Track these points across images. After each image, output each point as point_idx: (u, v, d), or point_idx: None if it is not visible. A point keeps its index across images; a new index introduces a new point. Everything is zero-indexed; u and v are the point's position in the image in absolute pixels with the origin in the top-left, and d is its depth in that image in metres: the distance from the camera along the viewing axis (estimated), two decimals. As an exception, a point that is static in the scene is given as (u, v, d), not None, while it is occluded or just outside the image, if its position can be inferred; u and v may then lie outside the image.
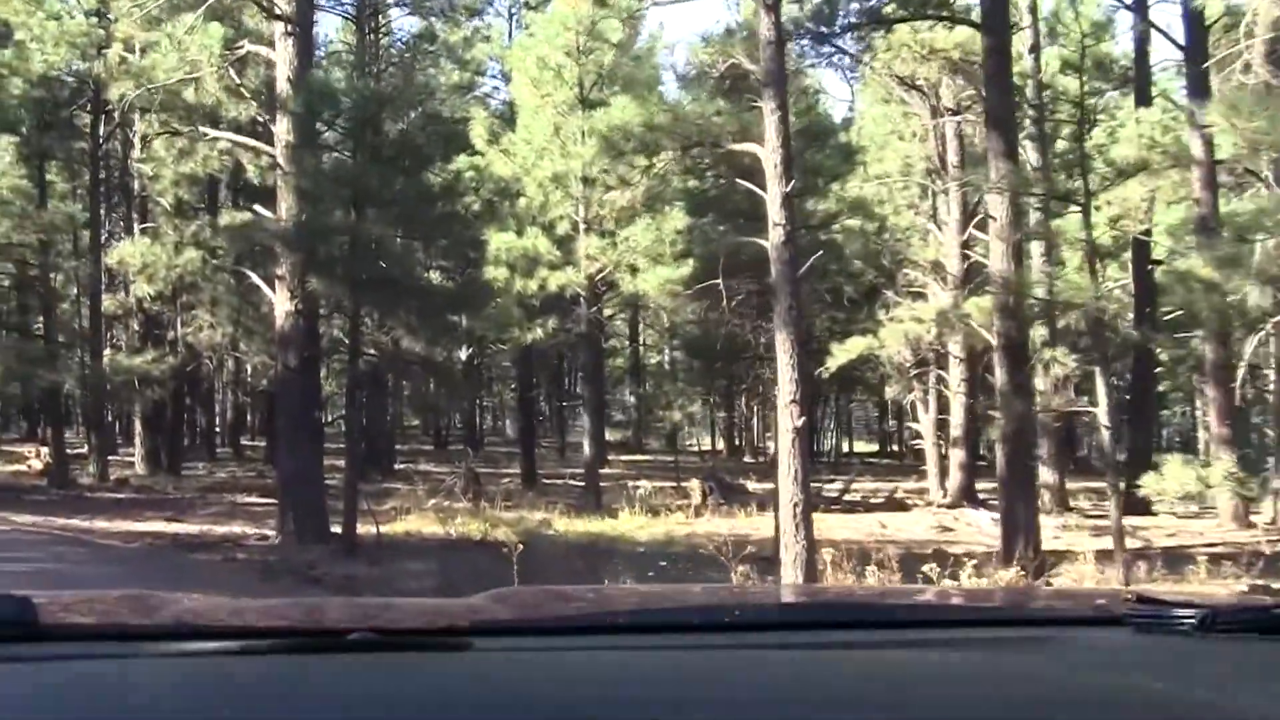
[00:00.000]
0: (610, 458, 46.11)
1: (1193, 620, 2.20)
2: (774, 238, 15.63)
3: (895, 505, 31.32)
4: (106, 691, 1.73)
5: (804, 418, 15.31)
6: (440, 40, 39.44)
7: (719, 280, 23.50)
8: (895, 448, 62.67)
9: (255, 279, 23.43)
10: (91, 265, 32.81)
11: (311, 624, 2.35)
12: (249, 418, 57.02)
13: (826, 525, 25.93)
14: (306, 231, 20.90)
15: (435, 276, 28.18)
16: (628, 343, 58.19)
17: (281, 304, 21.55)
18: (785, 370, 15.43)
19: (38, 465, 35.63)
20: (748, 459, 53.86)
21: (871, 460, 55.30)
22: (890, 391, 42.77)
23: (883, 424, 67.09)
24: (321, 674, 1.84)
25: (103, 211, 36.87)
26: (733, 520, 27.43)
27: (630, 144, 21.98)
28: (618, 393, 65.12)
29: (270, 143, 22.76)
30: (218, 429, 50.89)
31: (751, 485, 33.64)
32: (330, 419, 29.21)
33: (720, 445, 60.74)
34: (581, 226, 29.71)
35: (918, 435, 39.21)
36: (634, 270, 29.45)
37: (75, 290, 37.68)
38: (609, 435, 58.76)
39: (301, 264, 21.16)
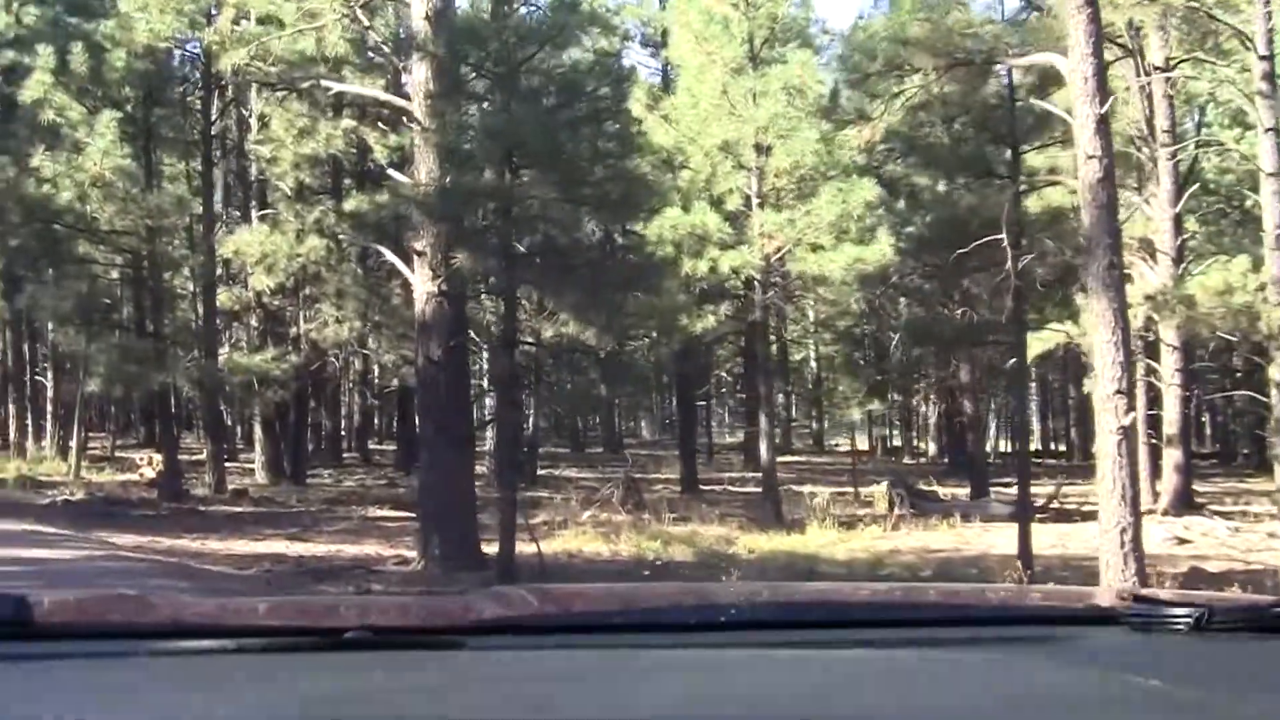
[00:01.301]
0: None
1: (1189, 619, 2.19)
2: (1087, 174, 11.83)
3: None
4: (102, 691, 1.75)
5: (1132, 414, 11.45)
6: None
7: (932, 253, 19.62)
8: (1055, 446, 58.94)
9: (391, 257, 20.11)
10: (205, 255, 29.64)
11: (307, 623, 2.31)
12: (376, 421, 53.73)
13: (1059, 537, 22.52)
14: (451, 196, 17.45)
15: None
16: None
17: (422, 285, 18.12)
18: (1106, 351, 11.60)
19: (150, 474, 32.55)
20: (907, 459, 50.31)
21: (1035, 461, 51.15)
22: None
23: (1046, 420, 62.87)
24: (317, 673, 1.84)
25: (216, 197, 33.75)
26: (935, 533, 24.22)
27: (876, 63, 18.01)
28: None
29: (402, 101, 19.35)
30: (343, 433, 47.52)
31: (942, 491, 30.10)
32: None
33: (868, 445, 56.94)
34: (755, 200, 26.13)
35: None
36: (816, 248, 25.75)
37: (188, 283, 34.50)
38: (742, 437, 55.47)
39: (446, 236, 17.73)
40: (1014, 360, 24.39)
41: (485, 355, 28.51)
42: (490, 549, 17.90)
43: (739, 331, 33.24)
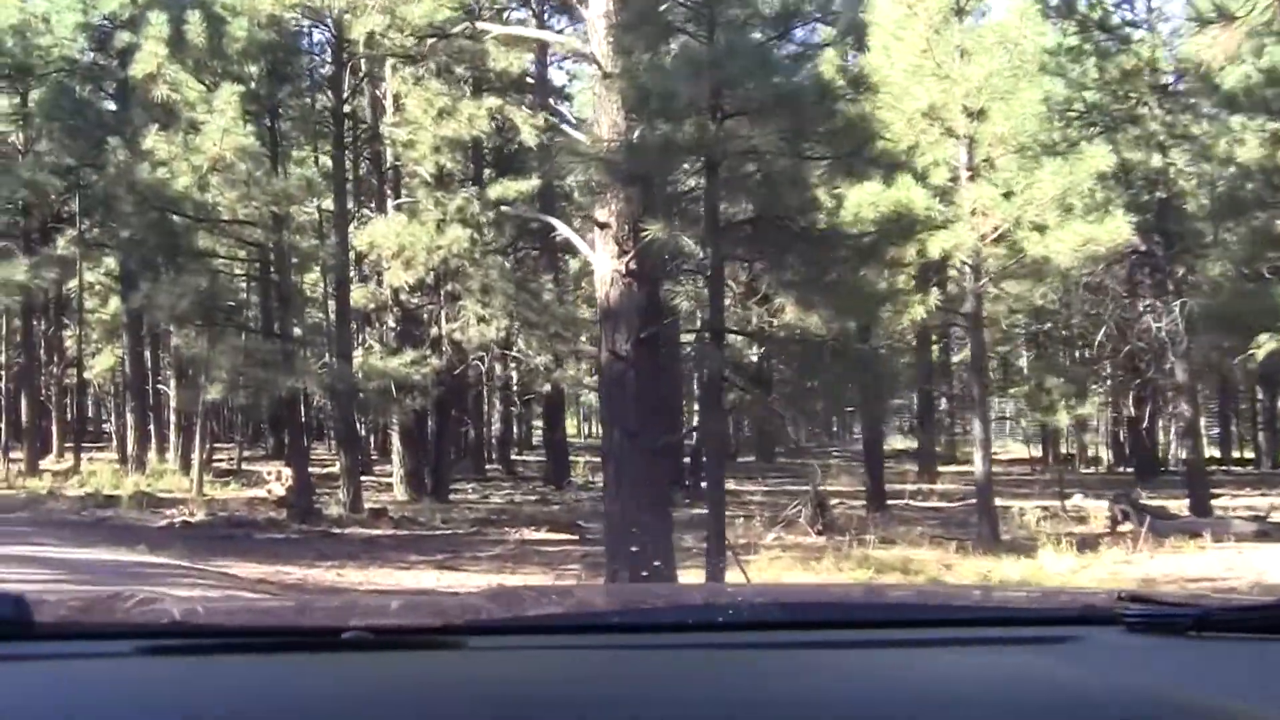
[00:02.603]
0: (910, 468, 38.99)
1: (1187, 620, 2.16)
2: None
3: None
4: (100, 691, 1.74)
5: None
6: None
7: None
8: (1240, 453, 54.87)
9: (566, 232, 16.72)
10: (337, 247, 26.65)
11: (305, 623, 2.35)
12: (515, 428, 50.41)
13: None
14: (642, 152, 14.14)
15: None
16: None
17: (606, 264, 14.77)
18: None
19: (279, 491, 29.56)
20: (1083, 469, 46.49)
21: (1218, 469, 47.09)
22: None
23: (1230, 425, 58.59)
24: (315, 673, 1.85)
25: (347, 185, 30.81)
26: (1183, 556, 20.62)
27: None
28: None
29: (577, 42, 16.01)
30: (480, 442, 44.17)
31: (1173, 507, 26.43)
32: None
33: (1033, 453, 53.19)
34: (964, 173, 22.60)
35: None
36: (1039, 228, 22.12)
37: (318, 281, 31.57)
38: (900, 443, 51.90)
39: (636, 202, 14.36)
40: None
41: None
42: (687, 578, 14.64)
43: (939, 325, 29.72)
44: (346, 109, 29.36)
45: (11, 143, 36.24)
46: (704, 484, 16.79)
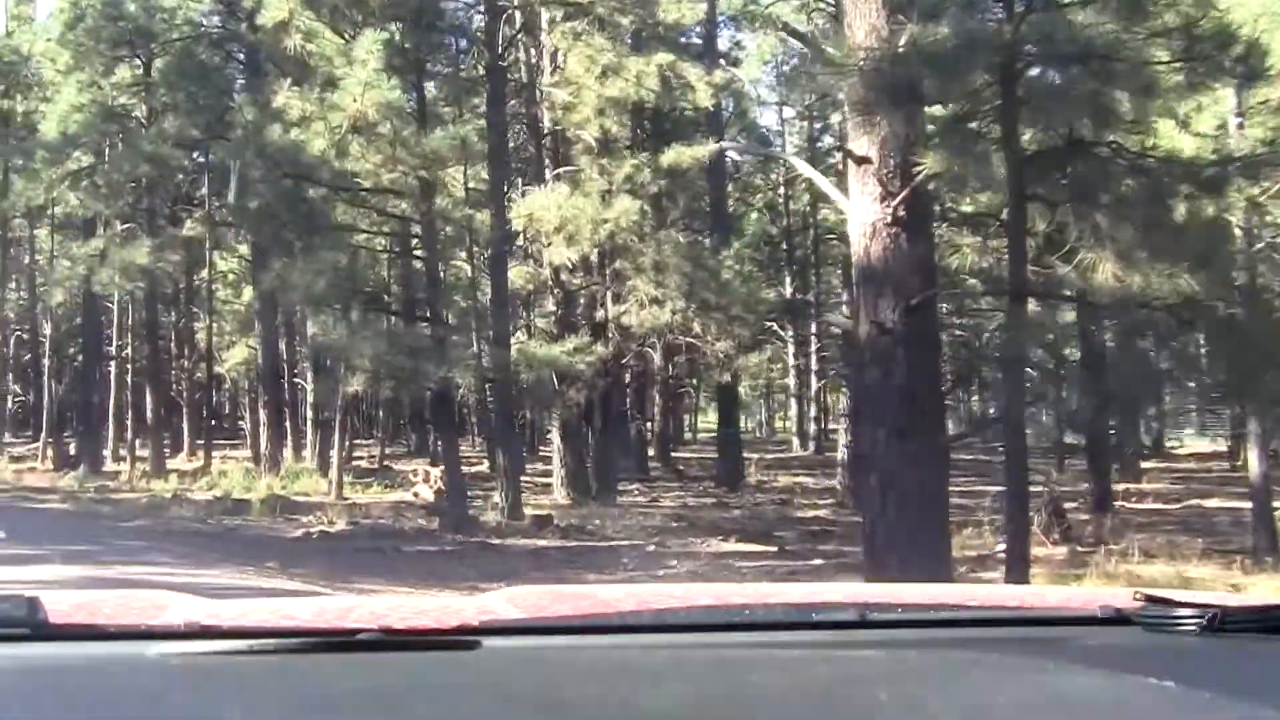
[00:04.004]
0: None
1: (1201, 620, 2.16)
2: None
3: None
4: (115, 692, 1.75)
5: None
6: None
7: None
8: None
9: (808, 172, 13.29)
10: (494, 219, 23.39)
11: (320, 624, 2.27)
12: (669, 422, 46.96)
13: None
14: (912, 61, 10.70)
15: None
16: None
17: (864, 209, 11.46)
18: None
19: (427, 494, 26.55)
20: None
21: None
22: None
23: None
24: (330, 674, 1.85)
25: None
26: None
27: None
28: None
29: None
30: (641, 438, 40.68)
31: None
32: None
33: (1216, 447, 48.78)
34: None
35: None
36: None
37: (462, 260, 28.44)
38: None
39: (905, 127, 10.97)
40: None
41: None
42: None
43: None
44: (505, 62, 26.23)
45: (135, 116, 33.58)
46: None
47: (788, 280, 42.28)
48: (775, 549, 20.01)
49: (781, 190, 46.59)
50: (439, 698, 1.72)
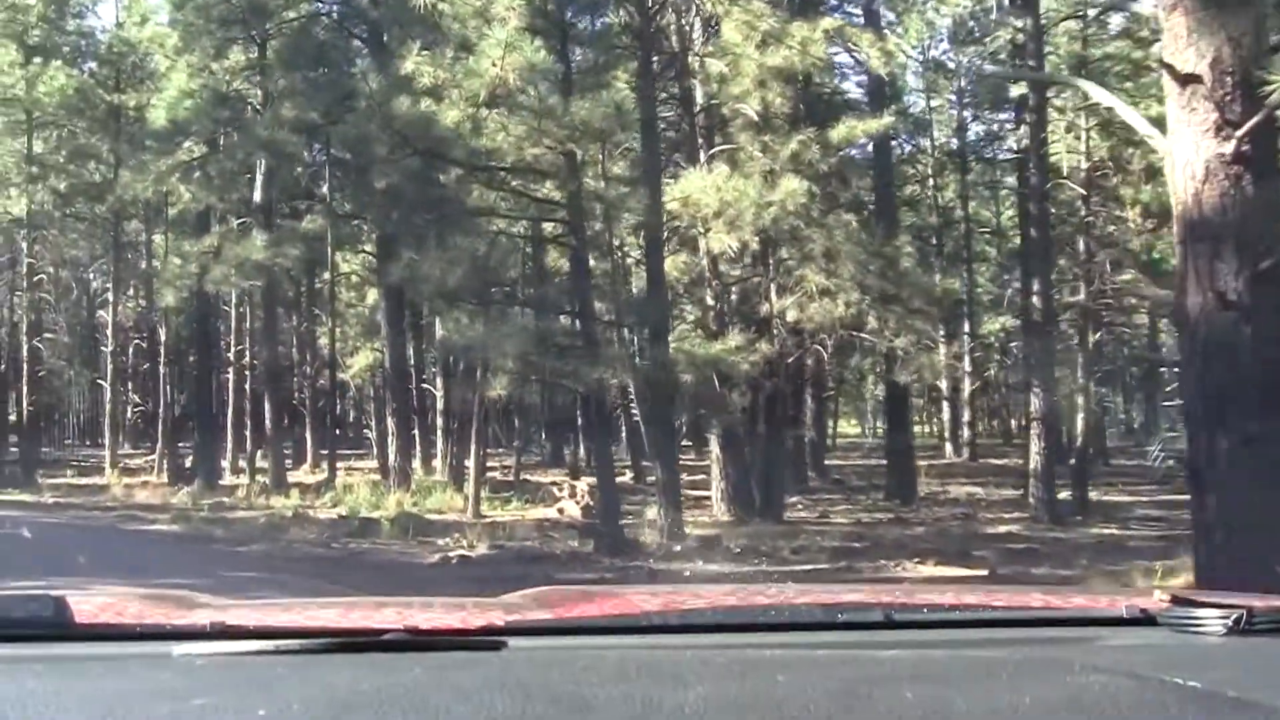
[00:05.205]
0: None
1: (1227, 621, 2.18)
2: None
3: None
4: (140, 692, 1.74)
5: None
6: None
7: None
8: None
9: (1112, 102, 10.50)
10: (649, 199, 20.67)
11: (346, 624, 2.36)
12: (821, 428, 44.04)
13: None
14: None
15: None
16: None
17: (1190, 144, 8.74)
18: None
19: (573, 510, 23.94)
20: None
21: None
22: None
23: None
24: (355, 674, 1.83)
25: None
26: None
27: None
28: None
29: None
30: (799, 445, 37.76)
31: None
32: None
33: None
34: None
35: None
36: None
37: (618, 241, 25.82)
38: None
39: (1250, 26, 8.12)
40: None
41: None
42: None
43: None
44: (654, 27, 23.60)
45: (249, 101, 31.41)
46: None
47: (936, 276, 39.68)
48: (985, 572, 17.40)
49: (931, 181, 44.52)
50: (464, 698, 1.65)
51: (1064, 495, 25.56)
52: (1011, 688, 1.80)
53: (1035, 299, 25.43)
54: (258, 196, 31.55)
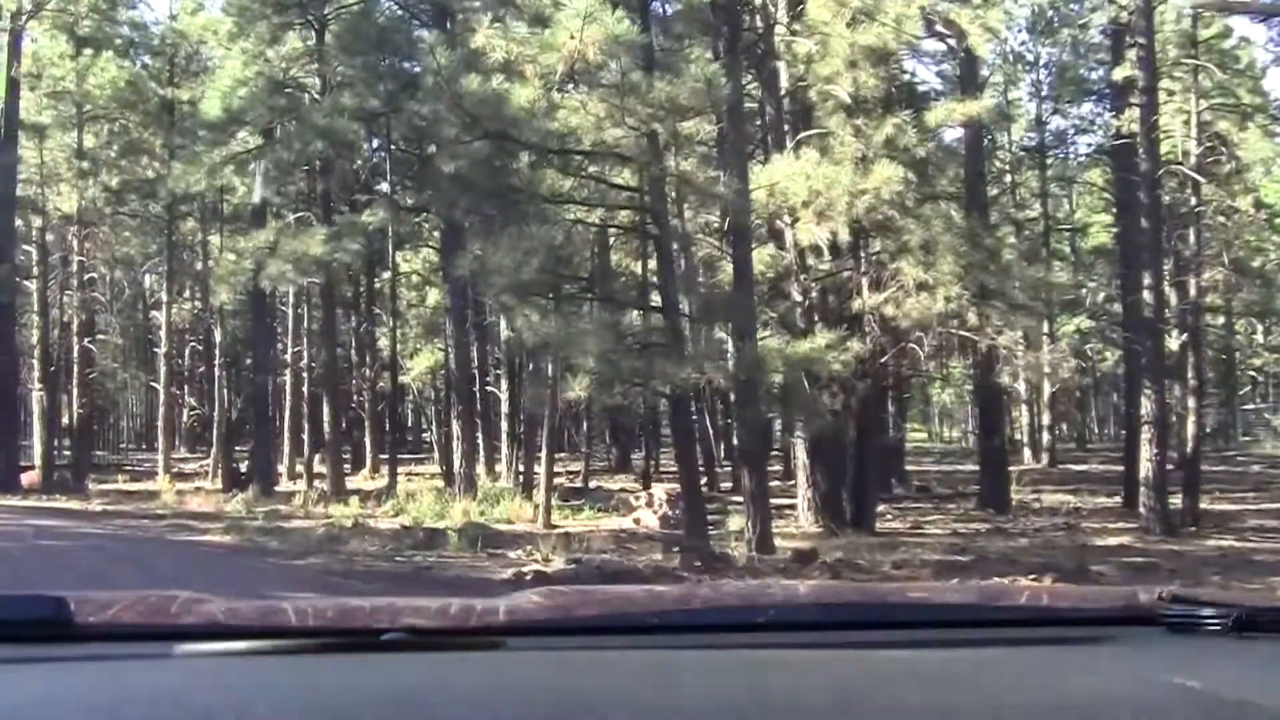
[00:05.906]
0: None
1: (1227, 620, 2.18)
2: None
3: None
4: (140, 692, 1.73)
5: None
6: None
7: None
8: None
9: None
10: (737, 186, 19.17)
11: (345, 624, 2.31)
12: (901, 432, 42.60)
13: None
14: None
15: None
16: None
17: None
18: None
19: (651, 520, 22.54)
20: None
21: None
22: None
23: None
24: (355, 674, 1.83)
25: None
26: None
27: None
28: None
29: None
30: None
31: None
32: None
33: None
34: None
35: None
36: None
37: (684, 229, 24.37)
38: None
39: None
40: None
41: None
42: None
43: None
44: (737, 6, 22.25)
45: (307, 90, 30.24)
46: None
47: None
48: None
49: (1009, 178, 43.47)
50: (462, 698, 1.67)
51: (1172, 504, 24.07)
52: (1011, 687, 1.80)
53: (1146, 294, 23.64)
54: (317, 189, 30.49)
